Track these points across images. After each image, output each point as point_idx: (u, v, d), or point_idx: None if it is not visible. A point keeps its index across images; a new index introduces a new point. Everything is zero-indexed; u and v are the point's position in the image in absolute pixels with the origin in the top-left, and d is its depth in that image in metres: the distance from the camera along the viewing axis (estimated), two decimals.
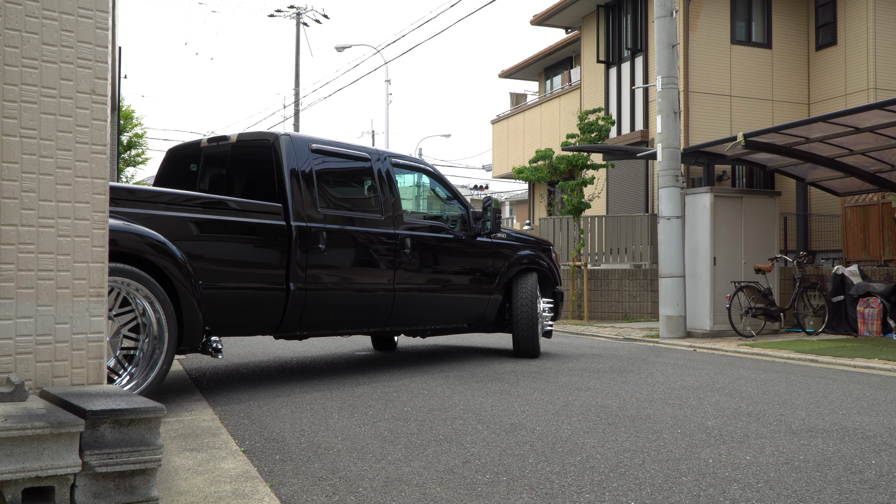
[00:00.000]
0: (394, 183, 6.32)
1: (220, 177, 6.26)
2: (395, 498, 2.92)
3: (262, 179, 5.67)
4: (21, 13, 2.90)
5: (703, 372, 6.62)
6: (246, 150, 6.00)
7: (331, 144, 6.03)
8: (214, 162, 6.26)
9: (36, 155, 2.91)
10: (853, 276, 10.94)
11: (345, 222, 5.83)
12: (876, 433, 4.13)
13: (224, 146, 6.10)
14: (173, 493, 2.92)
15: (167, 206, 4.75)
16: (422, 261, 6.41)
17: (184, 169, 6.41)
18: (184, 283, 4.58)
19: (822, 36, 15.57)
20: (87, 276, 3.01)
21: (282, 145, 5.57)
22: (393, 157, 6.51)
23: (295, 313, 5.44)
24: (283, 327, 5.51)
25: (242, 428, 4.09)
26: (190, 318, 4.65)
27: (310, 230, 5.49)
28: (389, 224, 6.15)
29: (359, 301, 5.95)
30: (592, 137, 14.01)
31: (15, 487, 2.35)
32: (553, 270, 7.68)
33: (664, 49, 10.31)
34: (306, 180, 5.60)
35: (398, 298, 6.18)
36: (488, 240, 7.02)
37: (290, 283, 5.35)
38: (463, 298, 6.85)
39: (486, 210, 6.88)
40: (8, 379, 2.71)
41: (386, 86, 28.45)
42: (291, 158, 5.57)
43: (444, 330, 7.12)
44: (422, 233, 6.44)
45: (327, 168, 5.96)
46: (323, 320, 5.77)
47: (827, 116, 9.27)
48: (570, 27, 19.10)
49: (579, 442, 3.83)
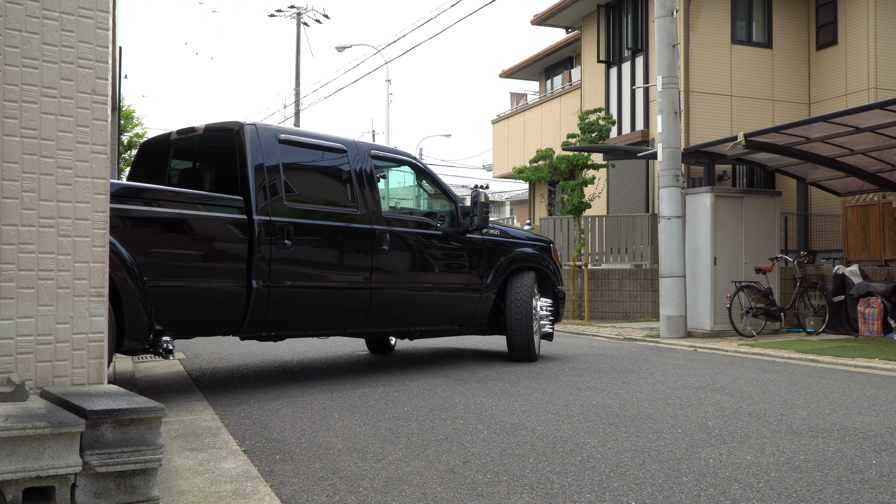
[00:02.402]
0: (372, 176, 6.04)
1: (189, 170, 6.07)
2: (395, 498, 2.92)
3: (228, 171, 5.44)
4: (22, 13, 2.90)
5: (704, 372, 6.62)
6: (212, 141, 5.76)
7: (302, 135, 5.85)
8: (184, 154, 6.05)
9: (36, 155, 2.91)
10: (854, 276, 10.93)
11: (315, 216, 5.55)
12: (877, 433, 4.13)
13: (193, 138, 5.86)
14: (174, 492, 2.92)
15: (117, 199, 4.48)
16: (403, 258, 6.11)
17: (156, 162, 6.20)
18: (126, 280, 4.39)
19: (822, 36, 15.56)
20: (88, 276, 3.01)
21: (246, 135, 5.32)
22: (373, 149, 6.25)
23: (258, 312, 5.19)
24: (247, 328, 5.25)
25: (243, 428, 4.09)
26: (133, 319, 4.46)
27: (274, 224, 5.22)
28: (366, 219, 5.85)
29: (330, 300, 5.67)
30: (593, 137, 14.01)
31: (16, 487, 2.36)
32: (553, 269, 7.38)
33: (665, 49, 10.31)
34: (271, 172, 5.35)
35: (376, 297, 5.88)
36: (480, 236, 6.70)
37: (252, 281, 5.10)
38: (450, 297, 6.53)
39: (475, 204, 6.54)
40: (9, 379, 2.71)
41: (386, 86, 28.46)
42: (256, 149, 5.32)
43: (433, 332, 6.78)
44: (403, 228, 6.13)
45: (297, 160, 5.71)
46: (291, 320, 5.50)
47: (827, 116, 9.26)
48: (571, 27, 19.10)
49: (580, 442, 3.83)
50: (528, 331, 6.90)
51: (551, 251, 7.46)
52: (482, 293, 6.71)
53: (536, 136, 19.82)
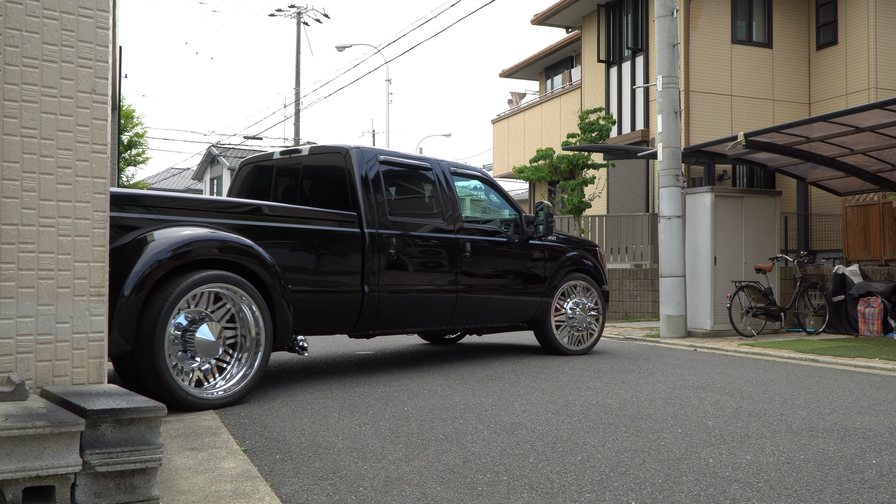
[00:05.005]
0: (453, 189, 6.72)
1: (293, 187, 6.62)
2: (395, 497, 2.92)
3: (337, 189, 6.04)
4: (22, 12, 2.90)
5: (704, 371, 6.62)
6: (319, 161, 6.40)
7: (396, 155, 6.47)
8: (288, 173, 6.66)
9: (37, 154, 2.91)
10: (854, 276, 10.93)
11: (411, 228, 6.21)
12: (877, 433, 4.13)
13: (297, 158, 6.54)
14: (174, 492, 2.92)
15: (269, 218, 5.26)
16: (481, 263, 6.74)
17: (257, 181, 6.82)
18: (277, 289, 4.96)
19: (822, 35, 15.56)
20: (88, 276, 3.01)
21: (353, 157, 5.97)
22: (452, 166, 6.94)
23: (369, 314, 5.82)
24: (359, 327, 5.88)
25: (243, 427, 4.09)
26: (282, 324, 5.02)
27: (381, 236, 5.88)
28: (451, 229, 6.53)
29: (425, 301, 6.31)
30: (593, 137, 14.01)
31: (16, 487, 2.36)
32: (599, 271, 7.97)
33: (665, 48, 10.30)
34: (376, 189, 5.99)
35: (460, 299, 6.51)
36: (540, 242, 7.35)
37: (364, 286, 5.74)
38: (518, 297, 7.13)
39: (539, 213, 7.24)
40: (8, 378, 2.71)
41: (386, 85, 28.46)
42: (362, 169, 5.97)
43: (501, 328, 7.46)
44: (480, 236, 6.79)
45: (394, 177, 6.39)
46: (393, 320, 6.10)
47: (827, 116, 9.26)
48: (571, 27, 19.09)
49: (580, 441, 3.83)
50: (580, 329, 7.65)
51: (597, 254, 8.08)
52: (543, 296, 7.34)
53: (536, 135, 19.82)
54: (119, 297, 4.20)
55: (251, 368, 4.80)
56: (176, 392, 4.38)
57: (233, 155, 37.85)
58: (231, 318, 4.78)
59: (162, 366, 4.33)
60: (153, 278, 4.34)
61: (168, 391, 4.35)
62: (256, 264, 4.85)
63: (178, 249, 4.47)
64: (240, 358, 4.79)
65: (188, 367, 4.56)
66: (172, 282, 4.45)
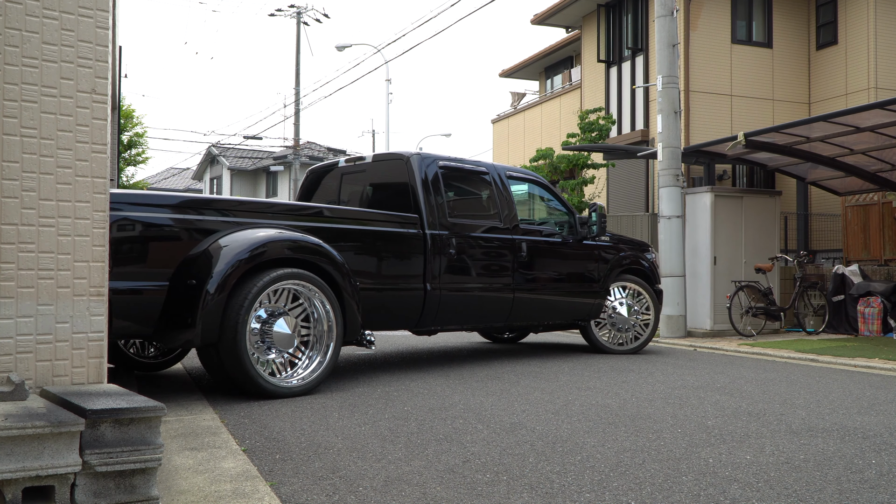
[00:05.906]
0: (509, 192, 6.95)
1: (358, 192, 6.98)
2: (395, 497, 2.92)
3: (399, 193, 6.34)
4: (21, 12, 2.90)
5: (704, 371, 6.63)
6: (382, 167, 6.73)
7: (454, 160, 6.72)
8: (353, 178, 7.01)
9: (36, 154, 2.91)
10: (853, 276, 10.93)
11: (470, 229, 6.47)
12: (876, 433, 4.13)
13: (361, 165, 6.86)
14: (173, 492, 2.92)
15: (338, 220, 5.62)
16: (536, 262, 6.95)
17: (326, 185, 7.22)
18: (347, 289, 5.24)
19: (822, 35, 15.57)
20: (88, 276, 3.01)
21: (414, 163, 6.29)
22: (508, 171, 7.19)
23: (431, 311, 6.09)
24: (421, 323, 6.15)
25: (242, 427, 4.09)
26: (352, 320, 5.28)
27: (441, 237, 6.18)
28: (508, 230, 6.76)
29: (483, 299, 6.53)
30: (593, 137, 14.01)
31: (15, 486, 2.36)
32: (652, 270, 8.09)
33: (665, 48, 10.30)
34: (436, 193, 6.29)
35: (517, 297, 6.73)
36: (593, 242, 7.52)
37: (426, 285, 6.02)
38: (573, 296, 7.33)
39: (592, 214, 7.40)
40: (8, 378, 2.71)
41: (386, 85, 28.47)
42: (422, 174, 6.27)
43: (555, 326, 7.66)
44: (535, 237, 7.02)
45: (452, 181, 6.64)
46: (453, 317, 6.36)
47: (827, 116, 9.26)
48: (571, 26, 19.09)
49: (579, 441, 3.83)
50: (629, 327, 7.84)
51: (650, 253, 8.24)
52: (597, 296, 7.53)
53: (536, 135, 19.82)
54: (204, 294, 4.57)
55: (324, 360, 5.12)
56: (256, 380, 4.74)
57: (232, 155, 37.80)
58: (306, 318, 5.11)
59: (244, 356, 4.69)
60: (234, 276, 4.68)
61: (249, 379, 4.73)
62: (327, 262, 5.15)
63: (255, 250, 4.81)
64: (311, 354, 5.12)
65: (265, 357, 4.90)
66: (252, 279, 4.79)
